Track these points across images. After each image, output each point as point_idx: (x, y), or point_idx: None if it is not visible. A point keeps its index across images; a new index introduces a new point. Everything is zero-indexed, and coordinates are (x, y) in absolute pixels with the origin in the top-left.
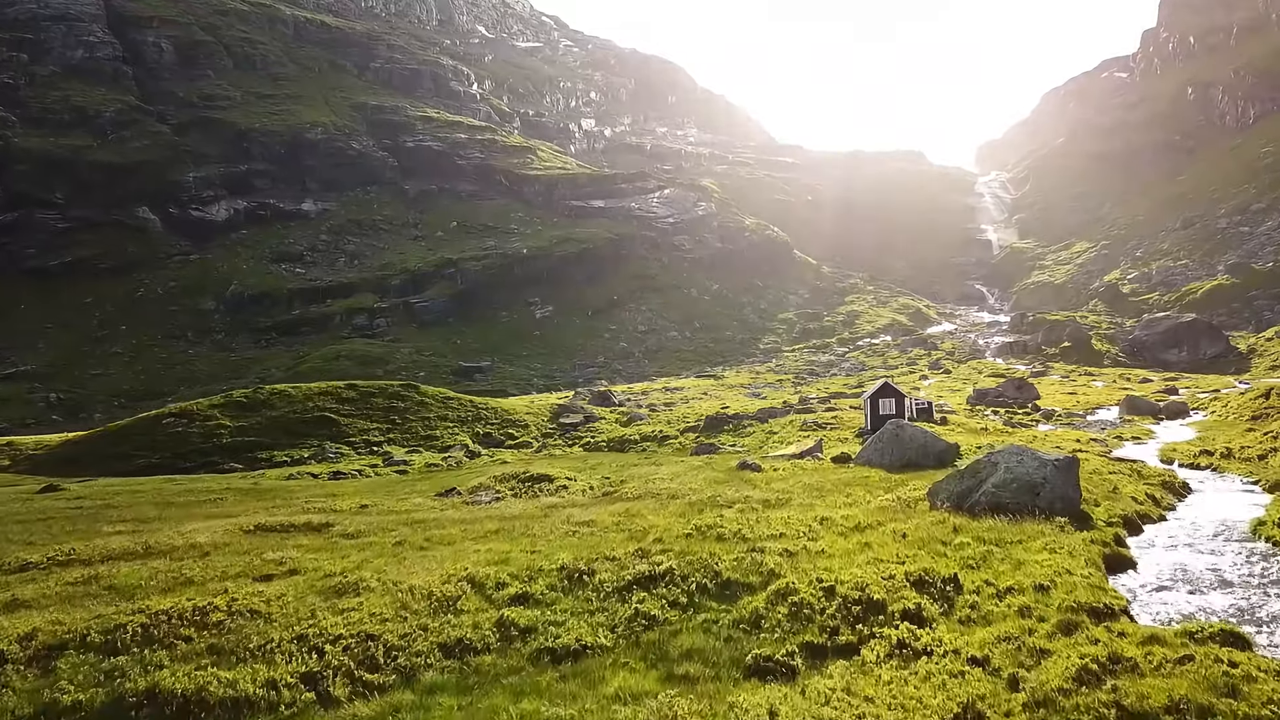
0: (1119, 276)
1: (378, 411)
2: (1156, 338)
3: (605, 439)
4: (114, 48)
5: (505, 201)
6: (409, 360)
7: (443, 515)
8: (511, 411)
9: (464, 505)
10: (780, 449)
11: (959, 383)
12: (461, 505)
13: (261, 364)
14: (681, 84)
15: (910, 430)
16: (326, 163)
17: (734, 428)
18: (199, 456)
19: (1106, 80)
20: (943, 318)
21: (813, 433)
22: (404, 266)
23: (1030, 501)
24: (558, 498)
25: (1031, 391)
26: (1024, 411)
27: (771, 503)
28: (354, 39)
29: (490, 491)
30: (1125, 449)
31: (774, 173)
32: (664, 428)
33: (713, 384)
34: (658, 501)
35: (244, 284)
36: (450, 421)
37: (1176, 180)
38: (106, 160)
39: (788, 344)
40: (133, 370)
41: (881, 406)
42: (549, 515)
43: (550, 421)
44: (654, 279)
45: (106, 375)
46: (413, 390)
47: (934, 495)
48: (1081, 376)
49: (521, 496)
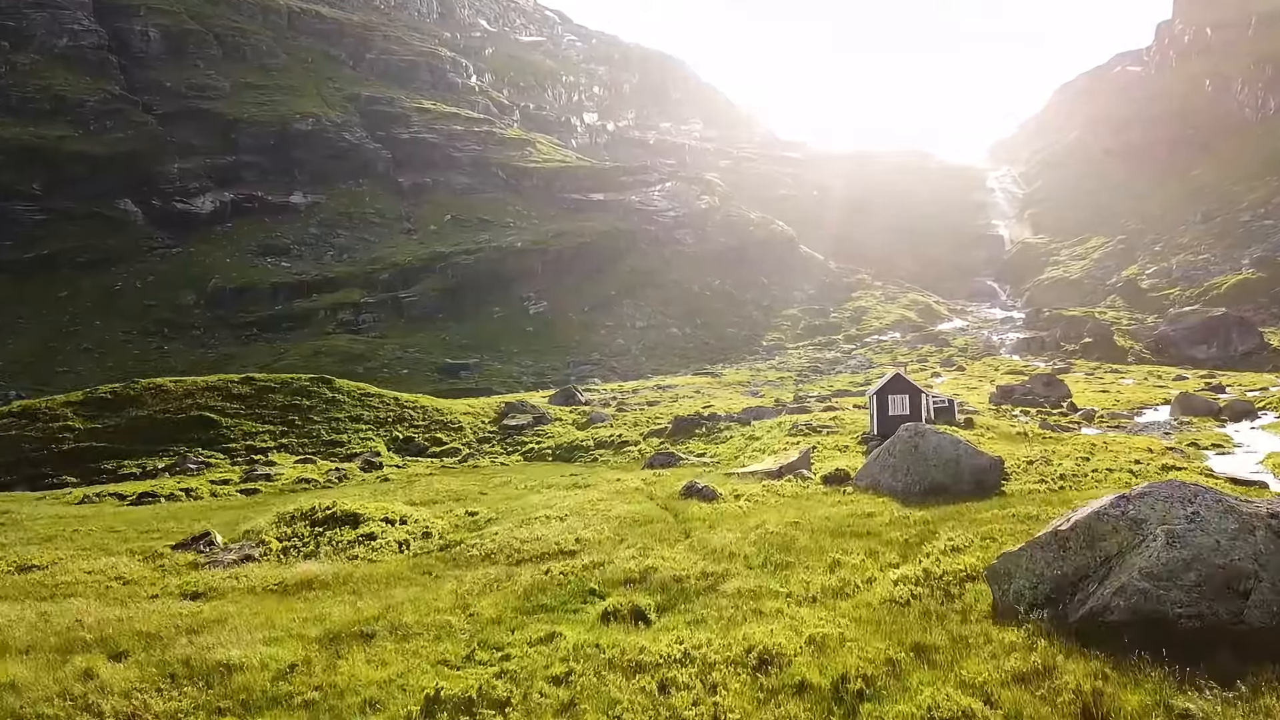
0: (1137, 272)
1: (273, 411)
2: (1183, 333)
3: (552, 445)
4: (99, 36)
5: (502, 195)
6: (392, 357)
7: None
8: (445, 412)
9: (157, 573)
10: (757, 461)
11: (975, 380)
12: (155, 571)
13: (239, 361)
14: (687, 79)
15: (933, 439)
16: (317, 154)
17: (708, 431)
18: (27, 468)
19: (1120, 75)
20: (953, 314)
21: (804, 438)
22: (393, 261)
23: (1231, 611)
24: (334, 563)
25: (1062, 389)
26: (1059, 412)
27: (690, 584)
28: (349, 30)
29: (251, 544)
30: (1214, 461)
31: (780, 168)
32: (625, 431)
33: (709, 382)
34: (496, 572)
35: (226, 278)
36: (365, 424)
37: (1193, 174)
38: (88, 151)
39: (792, 341)
40: (102, 368)
41: (892, 405)
42: (218, 625)
43: (492, 424)
44: (654, 274)
45: (73, 373)
46: (323, 385)
47: (1002, 580)
48: (1108, 374)
49: (291, 555)
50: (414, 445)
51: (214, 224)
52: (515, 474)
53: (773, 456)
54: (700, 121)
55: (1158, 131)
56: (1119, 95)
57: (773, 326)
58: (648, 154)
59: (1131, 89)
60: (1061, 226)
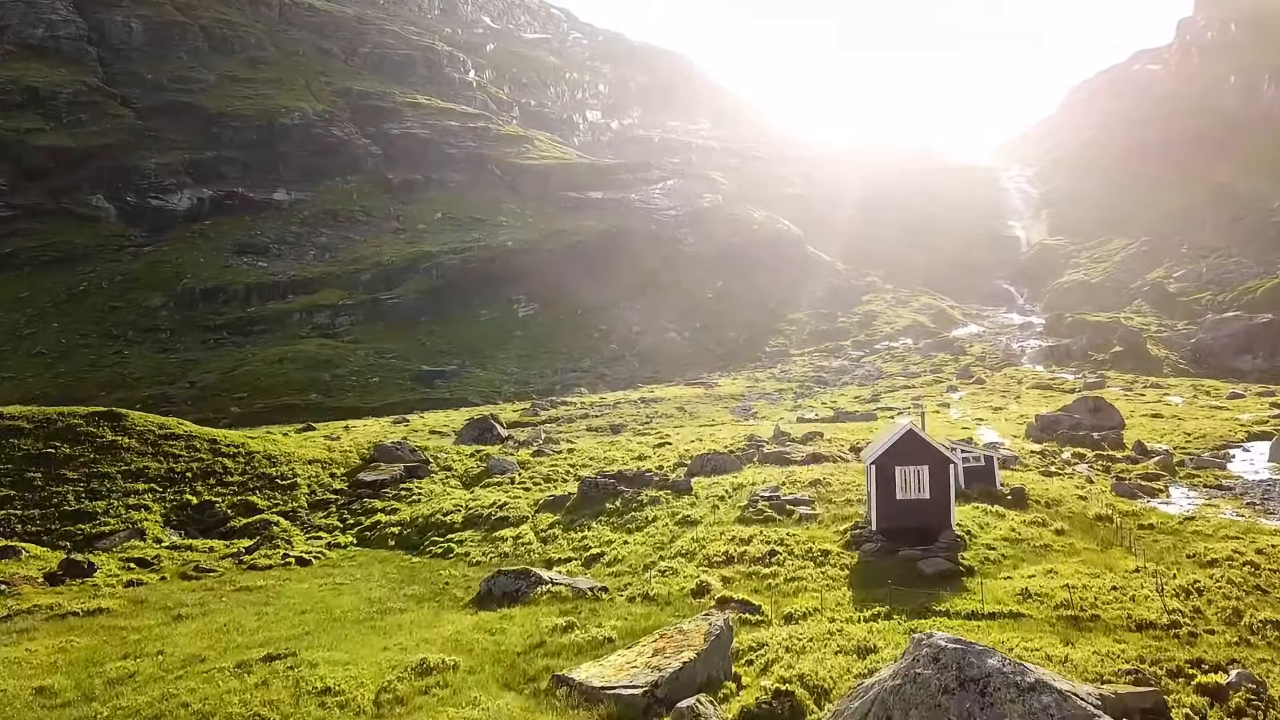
0: (1163, 275)
1: (5, 465)
2: (1225, 342)
3: (407, 518)
4: (78, 26)
5: (496, 193)
6: (363, 364)
7: None
8: (280, 461)
9: None
10: (633, 646)
11: (997, 397)
12: None
13: (202, 366)
14: (694, 78)
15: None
16: (303, 150)
17: (624, 506)
18: None
19: (1139, 72)
20: (968, 319)
21: (760, 529)
22: (376, 260)
23: None
24: None
25: (1112, 415)
26: (1124, 457)
27: None
28: (343, 23)
29: None
30: None
31: (788, 167)
32: (518, 496)
33: (700, 395)
34: None
35: (197, 278)
36: (149, 481)
37: (1218, 173)
38: (59, 144)
39: (796, 347)
40: (53, 373)
41: (902, 481)
42: None
43: (344, 477)
44: (653, 275)
45: (18, 380)
46: (104, 425)
47: None
48: (1148, 390)
49: None
50: (210, 516)
51: (190, 221)
52: (224, 609)
53: (653, 646)
54: (708, 120)
55: (1180, 129)
56: (1138, 93)
57: (777, 331)
58: (652, 152)
59: (1151, 87)
60: (1080, 227)
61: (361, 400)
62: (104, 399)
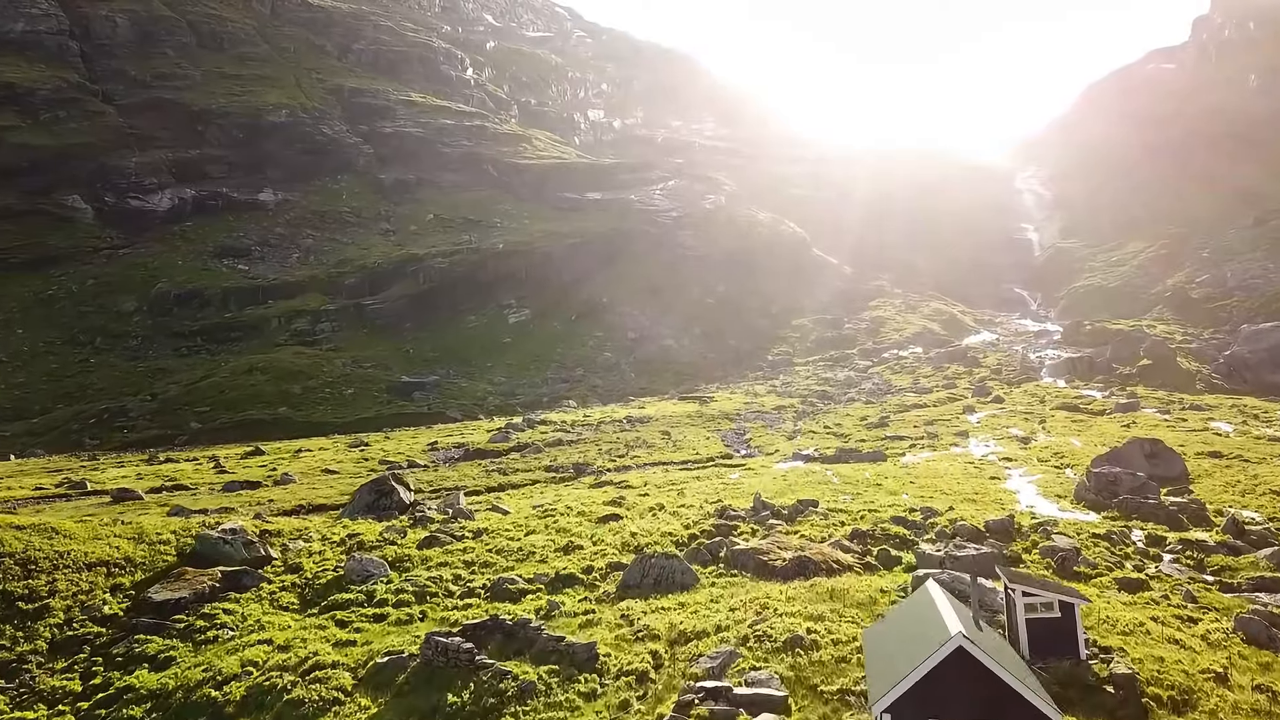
0: (1185, 280)
1: None
2: (1264, 355)
3: (157, 689)
4: (59, 21)
5: (492, 193)
6: (339, 374)
7: None
8: (43, 565)
9: None
10: None
11: (1020, 420)
12: None
13: (171, 376)
14: (700, 78)
15: None
16: (291, 149)
17: (483, 691)
18: None
19: (1154, 72)
20: (980, 325)
21: None
22: (362, 263)
23: None
24: None
25: (1173, 463)
26: (1216, 543)
27: None
28: (338, 19)
29: None
30: None
31: (794, 167)
32: (345, 644)
33: (692, 413)
34: None
35: (174, 282)
36: None
37: (1240, 174)
38: (35, 142)
39: (801, 355)
40: (11, 383)
41: None
42: None
43: (129, 592)
44: (651, 279)
45: None
46: None
47: None
48: (1187, 411)
49: None
50: None
51: (171, 223)
52: None
53: None
54: (713, 120)
55: (1198, 130)
56: (1153, 93)
57: (780, 338)
58: (655, 152)
59: (1167, 86)
60: (1095, 230)
61: (333, 414)
62: (58, 412)
